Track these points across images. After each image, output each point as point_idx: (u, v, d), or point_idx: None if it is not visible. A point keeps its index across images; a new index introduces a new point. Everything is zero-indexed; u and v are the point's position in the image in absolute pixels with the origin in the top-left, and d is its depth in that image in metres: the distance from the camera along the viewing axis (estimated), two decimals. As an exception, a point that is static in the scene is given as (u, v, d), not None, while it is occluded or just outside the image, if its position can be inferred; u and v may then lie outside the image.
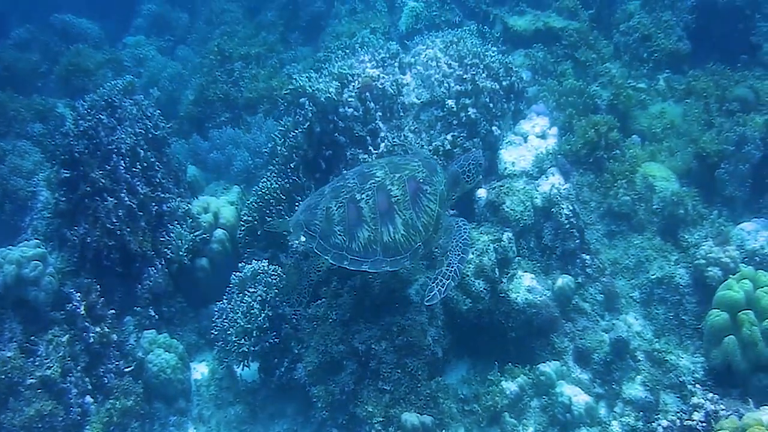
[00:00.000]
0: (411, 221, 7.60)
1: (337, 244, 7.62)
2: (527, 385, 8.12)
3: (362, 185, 7.70)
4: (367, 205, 7.58)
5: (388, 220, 7.56)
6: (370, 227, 7.56)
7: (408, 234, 7.59)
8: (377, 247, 7.56)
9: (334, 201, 7.70)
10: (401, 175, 7.72)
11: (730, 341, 7.98)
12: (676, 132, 11.11)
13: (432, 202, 7.72)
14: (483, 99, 10.63)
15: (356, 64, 10.96)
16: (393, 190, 7.62)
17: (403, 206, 7.59)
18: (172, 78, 16.87)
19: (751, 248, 9.33)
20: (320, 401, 8.30)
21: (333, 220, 7.63)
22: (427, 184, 7.74)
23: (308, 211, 7.86)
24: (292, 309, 8.97)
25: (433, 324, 8.54)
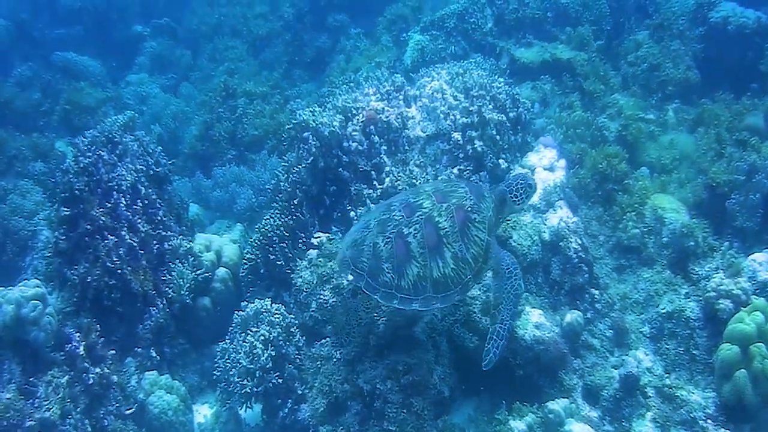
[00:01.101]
0: (460, 254, 7.44)
1: (386, 282, 7.40)
2: (535, 423, 8.10)
3: (409, 218, 7.51)
4: (415, 239, 7.40)
5: (437, 254, 7.38)
6: (419, 263, 7.37)
7: (458, 267, 7.41)
8: (427, 284, 7.37)
9: (381, 236, 7.49)
10: (448, 205, 7.54)
11: (740, 375, 8.01)
12: (686, 163, 11.21)
13: (481, 231, 7.58)
14: (489, 131, 10.72)
15: (360, 97, 11.07)
16: (441, 222, 7.44)
17: (452, 238, 7.43)
18: (174, 116, 17.08)
19: (763, 280, 9.32)
20: (326, 444, 8.30)
21: (381, 257, 7.43)
22: (475, 212, 7.57)
23: (354, 247, 7.64)
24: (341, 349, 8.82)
25: (439, 362, 8.53)
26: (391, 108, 10.85)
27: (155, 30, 22.53)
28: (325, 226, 10.35)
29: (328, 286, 9.36)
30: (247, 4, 22.10)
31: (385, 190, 10.06)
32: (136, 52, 21.86)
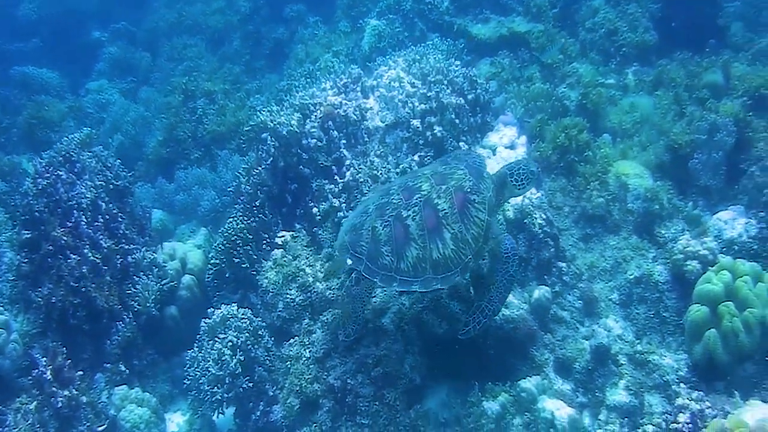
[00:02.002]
0: (460, 234, 7.50)
1: (385, 265, 7.51)
2: (508, 403, 8.15)
3: (408, 201, 7.61)
4: (414, 222, 7.48)
5: (437, 235, 7.46)
6: (419, 245, 7.46)
7: (458, 248, 7.49)
8: (427, 266, 7.46)
9: (379, 220, 7.61)
10: (447, 187, 7.62)
11: (711, 335, 8.08)
12: (647, 125, 11.27)
13: (481, 211, 7.62)
14: (449, 116, 10.80)
15: (318, 93, 11.13)
16: (440, 204, 7.52)
17: (452, 220, 7.49)
18: (135, 121, 17.01)
19: (729, 237, 9.44)
20: (305, 444, 8.39)
21: (380, 241, 7.54)
22: (474, 193, 7.63)
23: (353, 231, 7.77)
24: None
25: (409, 351, 8.60)
26: (348, 101, 10.89)
27: (113, 35, 22.58)
28: (289, 225, 10.43)
29: (295, 285, 9.46)
30: (204, 1, 22.04)
31: (347, 183, 10.12)
32: (95, 58, 21.81)
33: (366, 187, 9.95)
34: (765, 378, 8.00)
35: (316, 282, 9.50)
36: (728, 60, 11.67)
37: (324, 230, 10.02)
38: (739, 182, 10.09)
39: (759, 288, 8.22)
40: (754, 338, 7.98)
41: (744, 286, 8.14)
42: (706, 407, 7.33)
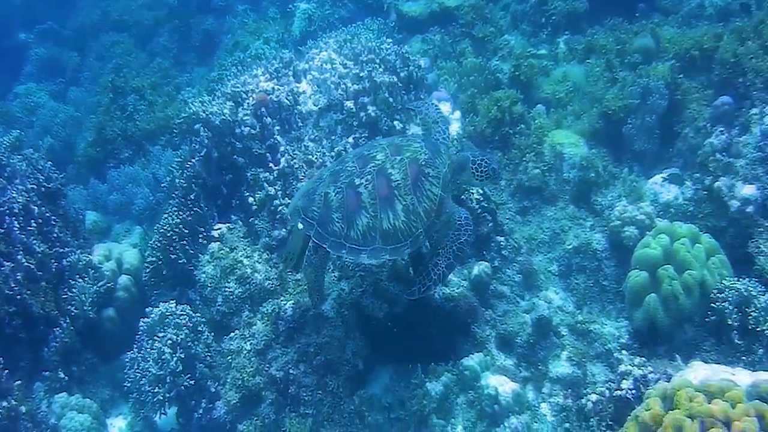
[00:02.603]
0: (412, 207, 7.43)
1: (335, 231, 7.47)
2: (452, 382, 8.18)
3: (362, 169, 7.55)
4: (366, 190, 7.42)
5: (388, 206, 7.40)
6: (370, 214, 7.40)
7: (409, 220, 7.42)
8: (377, 235, 7.41)
9: (332, 186, 7.56)
10: (402, 158, 7.55)
11: (651, 299, 8.18)
12: (581, 94, 11.27)
13: (434, 185, 7.55)
14: (382, 95, 10.73)
15: (249, 80, 11.00)
16: (393, 174, 7.45)
17: (404, 191, 7.42)
18: (65, 123, 16.72)
19: (666, 201, 9.54)
20: (244, 436, 8.32)
21: (331, 207, 7.49)
22: (429, 167, 7.56)
23: (306, 197, 7.72)
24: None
25: (350, 337, 8.57)
26: (281, 86, 10.81)
27: (40, 35, 22.10)
28: (225, 216, 10.32)
29: (233, 278, 9.36)
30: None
31: (282, 170, 10.03)
32: (23, 61, 21.40)
33: (301, 173, 9.87)
34: (705, 339, 8.12)
35: (254, 273, 9.40)
36: (658, 24, 11.70)
37: (260, 220, 9.92)
38: (673, 145, 10.13)
39: (697, 249, 8.30)
40: (694, 300, 8.08)
41: (682, 248, 8.22)
42: (649, 372, 7.34)
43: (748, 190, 9.02)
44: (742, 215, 8.97)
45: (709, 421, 5.24)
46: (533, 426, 8.03)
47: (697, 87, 10.36)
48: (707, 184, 9.36)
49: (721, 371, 6.46)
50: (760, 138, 9.27)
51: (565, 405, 8.08)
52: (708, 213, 9.26)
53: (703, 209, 9.32)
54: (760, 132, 9.30)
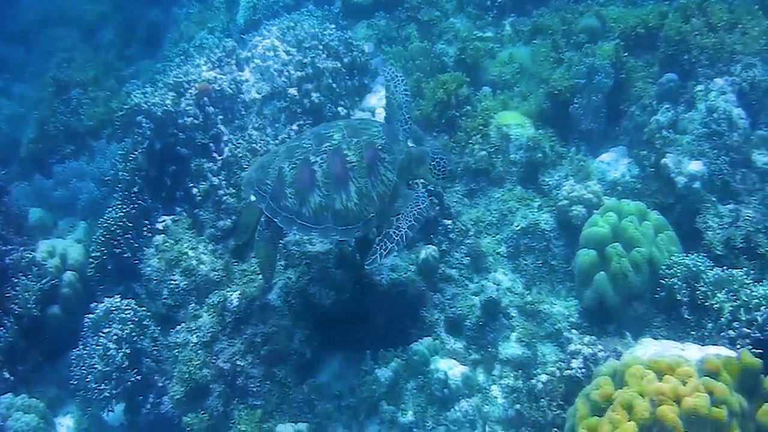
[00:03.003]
0: (366, 190, 7.34)
1: (287, 207, 7.40)
2: (401, 368, 8.08)
3: (318, 147, 7.45)
4: (321, 168, 7.33)
5: (342, 186, 7.32)
6: (322, 192, 7.32)
7: (362, 203, 7.34)
8: (328, 214, 7.33)
9: (287, 161, 7.47)
10: (359, 140, 7.45)
11: (600, 278, 8.16)
12: (527, 75, 11.23)
13: (390, 171, 7.45)
14: (326, 81, 10.70)
15: (192, 70, 10.87)
16: (349, 155, 7.35)
17: (359, 173, 7.33)
18: (8, 119, 16.45)
19: (613, 179, 9.56)
20: (193, 429, 8.20)
21: (285, 182, 7.40)
22: (386, 152, 7.46)
23: (261, 169, 7.65)
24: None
25: (298, 326, 8.45)
26: (223, 75, 10.71)
27: (-16, 32, 21.67)
28: (169, 208, 10.18)
29: (178, 270, 9.25)
30: (76, -11, 21.31)
31: (226, 160, 9.95)
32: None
33: (245, 162, 9.76)
34: (655, 316, 8.12)
35: (200, 265, 9.30)
36: (604, 3, 11.68)
37: (205, 211, 9.81)
38: (620, 123, 10.13)
39: (645, 226, 8.31)
40: (643, 277, 8.08)
41: (630, 225, 8.23)
42: (599, 350, 7.33)
43: (694, 166, 9.04)
44: (689, 191, 8.98)
45: (660, 399, 5.20)
46: (484, 408, 7.96)
47: (642, 65, 10.40)
48: (654, 161, 9.36)
49: (671, 347, 6.43)
50: (705, 114, 9.29)
51: (515, 386, 8.02)
52: (655, 190, 9.28)
53: (650, 186, 9.34)
54: (705, 108, 9.32)
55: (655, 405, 5.21)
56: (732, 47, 9.57)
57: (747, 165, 9.17)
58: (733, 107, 9.24)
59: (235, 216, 9.63)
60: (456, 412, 7.82)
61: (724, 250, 8.60)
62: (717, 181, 9.04)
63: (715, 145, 9.14)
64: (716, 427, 5.04)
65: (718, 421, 5.03)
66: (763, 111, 9.44)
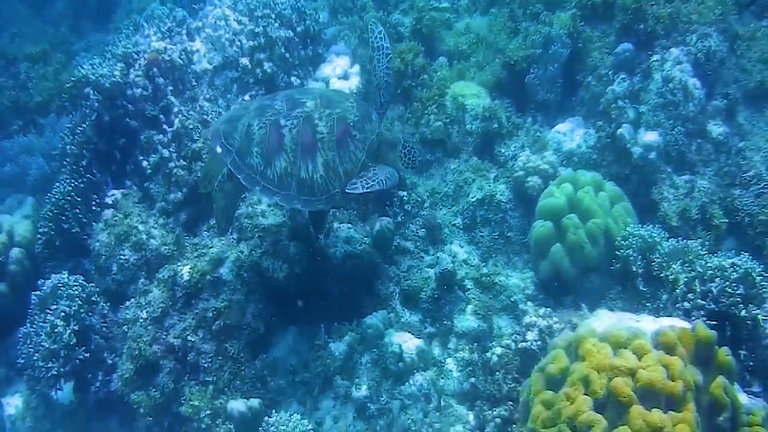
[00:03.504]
0: (332, 164, 7.21)
1: (252, 165, 7.23)
2: (355, 341, 8.02)
3: (289, 111, 7.29)
4: (290, 133, 7.19)
5: (309, 155, 7.18)
6: (289, 158, 7.17)
7: (327, 176, 7.21)
8: (293, 182, 7.19)
9: (257, 119, 7.30)
10: (332, 112, 7.28)
11: (556, 249, 8.14)
12: (484, 45, 11.11)
13: (359, 150, 7.33)
14: (278, 50, 10.55)
15: (141, 41, 10.64)
16: (320, 126, 7.21)
17: (328, 146, 7.20)
18: (-44, 97, 16.03)
19: (569, 149, 9.50)
20: (141, 407, 8.06)
21: (253, 140, 7.23)
22: (357, 130, 7.32)
23: (230, 122, 7.45)
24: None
25: (251, 300, 8.35)
26: (173, 45, 10.48)
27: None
28: (119, 182, 9.98)
29: (128, 245, 9.08)
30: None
31: (176, 132, 9.76)
32: None
33: (196, 134, 9.58)
34: (611, 288, 8.13)
35: (150, 239, 9.12)
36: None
37: (156, 184, 9.64)
38: (576, 94, 10.09)
39: (601, 197, 8.29)
40: (599, 248, 8.06)
41: (586, 196, 8.20)
42: (554, 323, 7.31)
43: (650, 137, 9.03)
44: (644, 162, 8.98)
45: (615, 373, 5.15)
46: (439, 382, 7.90)
47: (598, 35, 10.28)
48: (610, 132, 9.33)
49: (626, 319, 6.38)
50: (661, 84, 9.27)
51: (470, 359, 7.96)
52: (611, 160, 9.27)
53: (606, 157, 9.33)
54: (661, 78, 9.30)
55: (610, 378, 5.16)
56: (688, 17, 9.53)
57: (702, 136, 9.19)
58: (688, 77, 9.22)
59: (186, 189, 9.46)
60: (411, 386, 7.75)
61: (679, 222, 8.62)
62: (673, 151, 9.03)
63: (671, 116, 9.13)
64: (671, 400, 4.99)
65: (673, 395, 4.98)
66: (718, 81, 9.45)
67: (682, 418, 4.86)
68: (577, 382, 5.31)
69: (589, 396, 5.13)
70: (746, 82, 9.65)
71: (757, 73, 9.73)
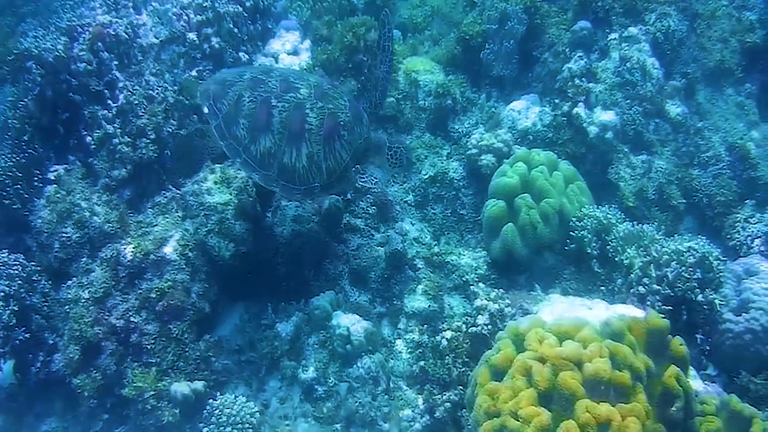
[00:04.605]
0: (316, 158, 7.23)
1: (236, 137, 7.26)
2: (303, 322, 7.93)
3: (282, 93, 7.26)
4: (280, 116, 7.17)
5: (294, 143, 7.18)
6: (275, 140, 7.18)
7: (309, 168, 7.24)
8: (274, 163, 7.23)
9: (249, 91, 7.28)
10: (324, 106, 7.26)
11: (508, 229, 8.11)
12: (439, 18, 11.06)
13: (345, 150, 7.35)
14: (226, 25, 10.35)
15: (87, 13, 10.39)
16: (309, 116, 7.19)
17: (314, 138, 7.20)
18: None
19: (523, 127, 9.45)
20: (85, 390, 7.92)
21: (241, 111, 7.23)
22: (346, 130, 7.33)
23: (221, 85, 7.43)
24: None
25: (196, 279, 8.23)
26: (119, 18, 10.23)
27: None
28: (62, 158, 9.75)
29: (70, 222, 8.90)
30: None
31: (121, 107, 9.54)
32: None
33: (141, 110, 9.41)
34: (564, 267, 8.13)
35: (93, 216, 8.93)
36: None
37: (100, 160, 9.43)
38: (533, 70, 10.05)
39: (555, 177, 8.27)
40: (552, 228, 8.05)
41: (540, 176, 8.18)
42: (506, 306, 7.18)
43: (606, 116, 9.05)
44: (601, 141, 9.00)
45: (561, 363, 5.09)
46: (388, 364, 7.85)
47: (556, 10, 10.25)
48: (566, 110, 9.31)
49: (578, 304, 6.39)
50: (618, 63, 9.31)
51: (420, 341, 7.91)
52: (567, 139, 9.26)
53: (562, 135, 9.31)
54: (618, 57, 9.32)
55: (556, 370, 5.11)
56: (648, -6, 9.55)
57: (660, 115, 9.25)
58: (647, 57, 9.27)
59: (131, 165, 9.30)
60: (359, 369, 7.67)
61: (636, 202, 8.67)
62: (630, 131, 9.07)
63: (628, 95, 9.15)
64: (620, 391, 4.94)
65: (622, 386, 4.93)
66: (677, 60, 9.51)
67: (631, 410, 4.79)
68: (521, 373, 5.24)
69: (533, 388, 5.07)
70: (706, 61, 9.73)
71: (716, 52, 9.80)
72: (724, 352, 6.84)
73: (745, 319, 6.75)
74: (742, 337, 6.72)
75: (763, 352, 6.65)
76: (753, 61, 10.27)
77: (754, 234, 8.57)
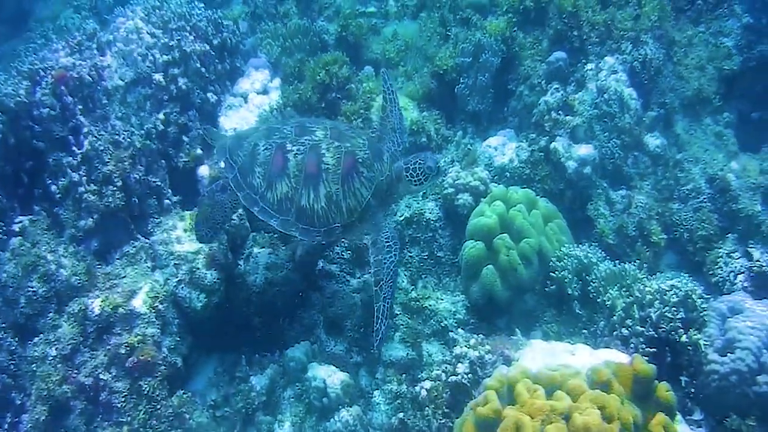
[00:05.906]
0: (335, 198, 7.30)
1: (253, 185, 7.41)
2: (278, 374, 7.96)
3: (297, 137, 7.42)
4: (295, 159, 7.29)
5: (312, 185, 7.27)
6: (291, 184, 7.28)
7: (329, 209, 7.29)
8: (292, 207, 7.31)
9: (264, 140, 7.47)
10: (341, 145, 7.36)
11: (488, 272, 8.12)
12: (412, 52, 11.14)
13: (365, 188, 7.38)
14: (194, 65, 10.48)
15: (49, 56, 10.45)
16: (326, 156, 7.29)
17: (332, 178, 7.28)
18: None
19: (500, 164, 9.53)
20: (53, 453, 7.94)
21: (257, 160, 7.40)
22: (365, 167, 7.37)
23: (237, 139, 7.71)
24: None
25: (167, 332, 8.24)
26: (83, 61, 10.29)
27: None
28: (27, 208, 9.74)
29: (36, 276, 8.88)
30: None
31: (86, 154, 9.53)
32: None
33: (107, 156, 9.43)
34: (545, 309, 8.17)
35: (59, 269, 8.93)
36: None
37: (65, 209, 9.44)
38: (508, 104, 10.14)
39: (534, 215, 8.33)
40: (532, 269, 8.10)
41: (518, 215, 8.23)
42: (486, 352, 7.16)
43: (584, 150, 9.13)
44: (579, 177, 9.07)
45: (549, 417, 5.13)
46: (366, 417, 7.85)
47: (531, 41, 10.35)
48: (543, 145, 9.40)
49: (560, 350, 6.39)
50: (596, 95, 9.37)
51: (399, 391, 7.89)
52: (545, 176, 9.33)
53: (539, 172, 9.37)
54: (596, 88, 9.40)
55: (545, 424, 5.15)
56: (623, 23, 9.65)
57: (639, 148, 9.33)
58: (624, 87, 9.36)
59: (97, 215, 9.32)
60: (336, 423, 7.64)
61: (616, 239, 8.76)
62: (608, 165, 9.15)
63: (606, 128, 9.23)
64: (609, 444, 4.99)
65: (611, 439, 4.99)
66: (655, 90, 9.60)
67: (619, 462, 4.86)
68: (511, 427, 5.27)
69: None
70: (683, 90, 9.84)
71: (694, 80, 9.92)
72: (710, 394, 6.82)
73: (731, 360, 6.72)
74: (728, 378, 6.69)
75: (750, 394, 6.62)
76: (730, 89, 10.39)
77: (737, 270, 8.64)
